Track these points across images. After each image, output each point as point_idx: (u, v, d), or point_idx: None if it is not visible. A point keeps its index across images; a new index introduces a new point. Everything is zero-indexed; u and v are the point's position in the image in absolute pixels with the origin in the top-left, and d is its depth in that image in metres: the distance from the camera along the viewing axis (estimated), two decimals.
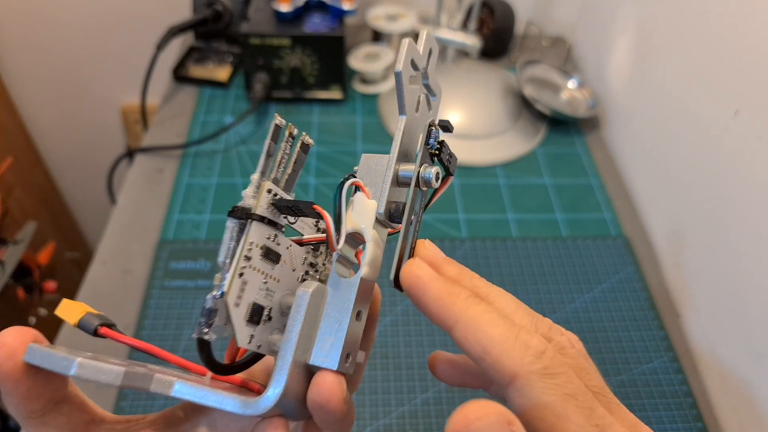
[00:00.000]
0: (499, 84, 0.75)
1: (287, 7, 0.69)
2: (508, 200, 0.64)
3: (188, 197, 0.62)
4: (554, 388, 0.18)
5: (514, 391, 0.18)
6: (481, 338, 0.19)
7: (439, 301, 0.20)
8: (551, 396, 0.18)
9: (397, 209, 0.21)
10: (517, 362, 0.18)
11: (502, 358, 0.18)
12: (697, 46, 0.55)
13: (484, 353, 0.19)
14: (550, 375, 0.18)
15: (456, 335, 0.20)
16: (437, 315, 0.20)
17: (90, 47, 0.96)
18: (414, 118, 0.21)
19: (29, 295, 0.87)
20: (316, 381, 0.18)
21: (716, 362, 0.50)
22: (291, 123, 0.21)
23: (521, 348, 0.18)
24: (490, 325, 0.19)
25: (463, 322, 0.19)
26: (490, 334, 0.19)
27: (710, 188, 0.52)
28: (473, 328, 0.19)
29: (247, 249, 0.19)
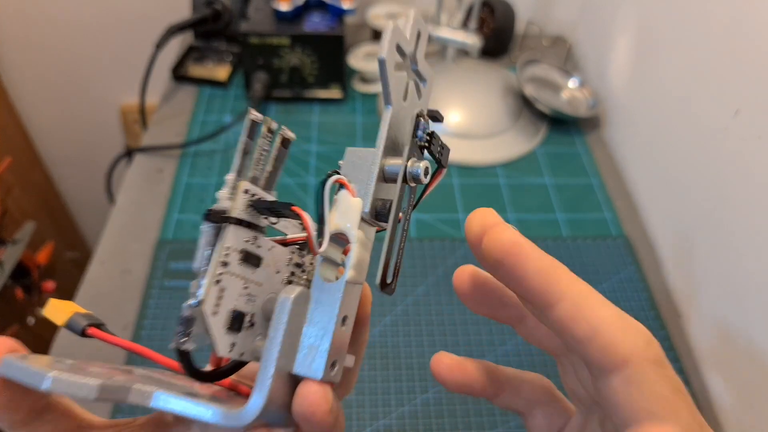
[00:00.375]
0: (499, 83, 0.75)
1: (287, 6, 0.69)
2: (508, 200, 0.64)
3: (187, 197, 0.62)
4: (666, 380, 0.17)
5: (622, 378, 0.17)
6: (592, 317, 0.17)
7: (543, 272, 0.18)
8: (664, 388, 0.17)
9: (383, 207, 0.19)
10: (630, 346, 0.17)
11: (615, 340, 0.17)
12: (697, 45, 0.55)
13: (594, 333, 0.17)
14: (661, 364, 0.17)
15: (559, 313, 0.18)
16: (537, 289, 0.18)
17: (89, 47, 0.95)
18: (401, 108, 0.20)
19: (28, 295, 0.87)
20: (300, 392, 0.17)
21: (717, 362, 0.50)
22: (268, 117, 0.20)
23: (634, 331, 0.17)
24: (601, 304, 0.17)
25: (570, 299, 0.17)
26: (601, 313, 0.17)
27: (711, 188, 0.52)
28: (583, 306, 0.17)
29: (223, 254, 0.18)
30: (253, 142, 0.19)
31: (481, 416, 0.46)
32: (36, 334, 0.92)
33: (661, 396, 0.16)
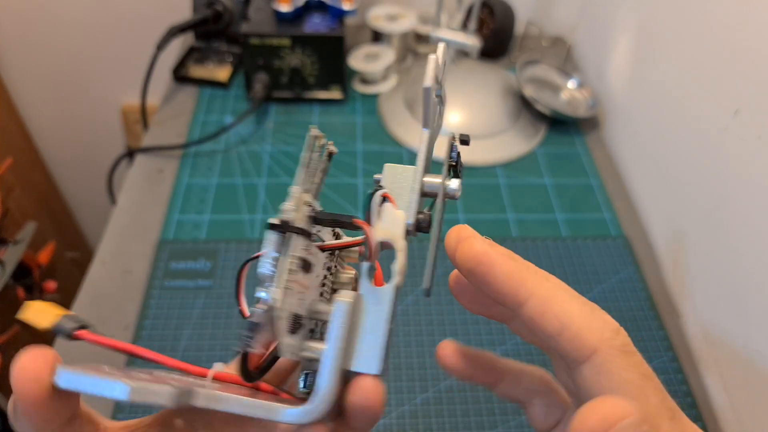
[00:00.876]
0: (499, 84, 0.75)
1: (287, 7, 0.69)
2: (508, 200, 0.64)
3: (188, 197, 0.62)
4: (633, 366, 0.18)
5: (592, 367, 0.18)
6: (560, 312, 0.18)
7: (510, 275, 0.19)
8: (631, 374, 0.18)
9: (424, 220, 0.22)
10: (597, 336, 0.18)
11: (582, 332, 0.18)
12: (697, 46, 0.55)
13: (563, 327, 0.18)
14: (628, 352, 0.18)
15: (529, 311, 0.19)
16: (508, 291, 0.19)
17: (90, 47, 0.96)
18: (433, 130, 0.22)
19: (29, 295, 0.87)
20: (360, 385, 0.18)
21: (716, 362, 0.50)
22: (321, 133, 0.22)
23: (600, 321, 0.18)
24: (569, 299, 0.19)
25: (538, 297, 0.19)
26: (568, 307, 0.18)
27: (710, 188, 0.52)
28: (551, 303, 0.19)
29: (290, 262, 0.19)
30: (311, 156, 0.21)
31: (481, 416, 0.46)
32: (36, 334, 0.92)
33: (628, 381, 0.17)
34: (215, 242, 0.57)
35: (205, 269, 0.55)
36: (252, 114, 0.71)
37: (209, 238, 0.58)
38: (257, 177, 0.65)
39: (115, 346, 0.20)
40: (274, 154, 0.68)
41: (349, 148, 0.69)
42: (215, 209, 0.61)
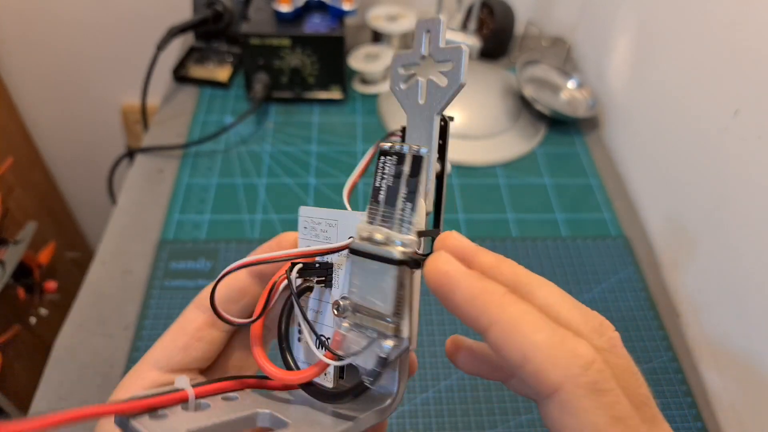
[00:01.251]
0: (499, 84, 0.75)
1: (287, 7, 0.70)
2: (507, 200, 0.64)
3: (188, 197, 0.62)
4: (602, 408, 0.16)
5: (555, 405, 0.16)
6: (522, 343, 0.17)
7: (471, 300, 0.18)
8: (599, 416, 0.16)
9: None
10: (563, 372, 0.16)
11: (545, 367, 0.16)
12: (696, 46, 0.55)
13: (525, 360, 0.17)
14: (598, 391, 0.16)
15: (491, 339, 0.18)
16: (469, 316, 0.18)
17: (90, 47, 0.96)
18: (419, 109, 0.22)
19: (30, 295, 0.87)
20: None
21: (716, 362, 0.50)
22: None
23: (568, 356, 0.16)
24: (533, 329, 0.17)
25: (500, 325, 0.17)
26: (532, 338, 0.17)
27: (710, 188, 0.52)
28: (512, 332, 0.17)
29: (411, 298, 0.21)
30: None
31: (481, 416, 0.46)
32: (37, 334, 0.92)
33: (596, 426, 0.16)
34: (215, 242, 0.58)
35: (205, 269, 0.55)
36: (252, 114, 0.71)
37: (209, 238, 0.58)
38: (257, 177, 0.65)
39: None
40: (274, 154, 0.68)
41: (349, 148, 0.69)
42: (215, 209, 0.61)
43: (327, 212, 0.23)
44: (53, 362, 0.48)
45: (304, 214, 0.24)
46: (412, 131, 0.22)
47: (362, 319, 0.21)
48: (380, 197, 0.21)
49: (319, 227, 0.23)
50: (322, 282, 0.23)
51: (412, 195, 0.20)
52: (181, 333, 0.24)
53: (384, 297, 0.20)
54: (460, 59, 0.20)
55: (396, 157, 0.21)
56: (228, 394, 0.22)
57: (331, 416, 0.22)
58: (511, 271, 0.20)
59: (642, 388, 0.18)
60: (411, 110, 0.22)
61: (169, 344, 0.24)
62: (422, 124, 0.22)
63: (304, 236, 0.24)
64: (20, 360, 0.88)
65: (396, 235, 0.20)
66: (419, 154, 0.20)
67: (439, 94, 0.21)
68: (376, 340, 0.20)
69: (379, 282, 0.20)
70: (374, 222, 0.21)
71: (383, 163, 0.21)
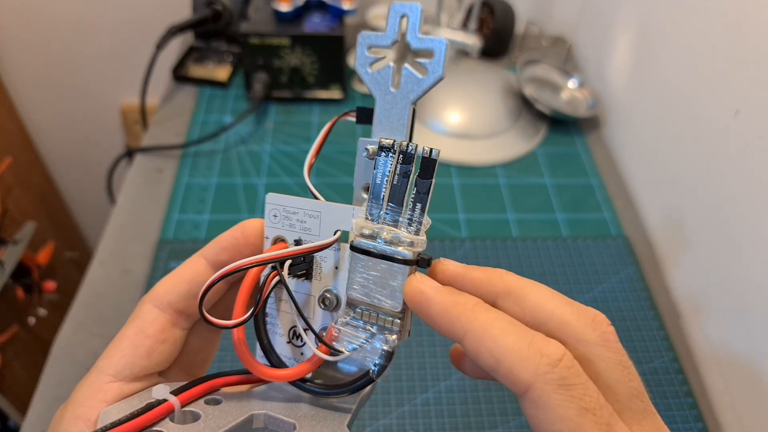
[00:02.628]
0: (499, 84, 0.75)
1: (287, 6, 0.69)
2: (508, 200, 0.64)
3: (188, 197, 0.62)
4: (570, 400, 0.17)
5: (528, 402, 0.18)
6: (493, 348, 0.18)
7: (445, 314, 0.19)
8: (568, 409, 0.17)
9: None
10: (532, 372, 0.17)
11: (515, 368, 0.18)
12: (697, 45, 0.55)
13: (497, 364, 0.18)
14: (566, 386, 0.17)
15: (467, 347, 0.19)
16: (445, 328, 0.19)
17: (89, 47, 0.96)
18: (391, 96, 0.22)
19: (29, 295, 0.87)
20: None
21: (717, 362, 0.50)
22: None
23: (535, 356, 0.18)
24: (502, 333, 0.18)
25: (473, 333, 0.19)
26: (501, 343, 0.18)
27: (711, 188, 0.52)
28: (483, 338, 0.18)
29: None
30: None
31: (481, 416, 0.46)
32: (36, 334, 0.92)
33: (565, 418, 0.17)
34: None
35: None
36: (252, 114, 0.71)
37: (209, 238, 0.58)
38: (257, 177, 0.65)
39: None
40: (274, 153, 0.68)
41: (349, 147, 0.69)
42: (215, 209, 0.61)
43: (304, 202, 0.22)
44: (52, 362, 0.48)
45: (273, 202, 0.23)
46: (382, 117, 0.22)
47: (362, 314, 0.21)
48: (382, 195, 0.21)
49: (295, 217, 0.23)
50: (303, 275, 0.23)
51: (424, 196, 0.20)
52: (142, 337, 0.22)
53: (393, 295, 0.20)
54: (443, 52, 0.20)
55: (402, 156, 0.20)
56: (210, 396, 0.22)
57: (328, 409, 0.22)
58: (501, 280, 0.21)
59: (633, 381, 0.19)
60: (381, 96, 0.22)
61: (131, 351, 0.22)
62: (394, 112, 0.22)
63: (273, 225, 0.23)
64: (19, 360, 0.88)
65: (404, 234, 0.20)
66: (433, 156, 0.20)
67: (415, 84, 0.21)
68: (379, 335, 0.21)
69: (388, 281, 0.20)
70: (377, 220, 0.21)
71: (384, 160, 0.21)
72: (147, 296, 0.23)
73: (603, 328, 0.20)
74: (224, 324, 0.21)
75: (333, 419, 0.21)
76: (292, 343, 0.24)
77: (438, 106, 0.72)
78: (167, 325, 0.23)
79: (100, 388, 0.21)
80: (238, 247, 0.23)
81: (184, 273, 0.23)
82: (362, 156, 0.22)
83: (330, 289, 0.23)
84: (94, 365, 0.22)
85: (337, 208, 0.22)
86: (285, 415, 0.21)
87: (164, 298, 0.23)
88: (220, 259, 0.23)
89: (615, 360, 0.19)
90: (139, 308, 0.23)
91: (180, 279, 0.23)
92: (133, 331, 0.22)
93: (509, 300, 0.20)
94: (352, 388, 0.22)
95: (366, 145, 0.22)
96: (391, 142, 0.21)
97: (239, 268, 0.20)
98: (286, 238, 0.23)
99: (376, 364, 0.21)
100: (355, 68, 0.22)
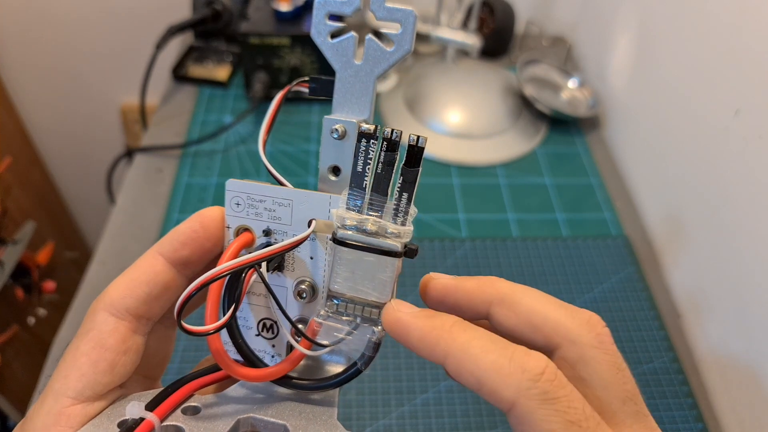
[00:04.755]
0: (499, 84, 0.75)
1: (287, 6, 0.69)
2: (508, 200, 0.64)
3: (188, 197, 0.62)
4: (555, 414, 0.17)
5: (514, 419, 0.17)
6: (474, 369, 0.18)
7: (423, 340, 0.19)
8: (552, 423, 0.17)
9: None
10: (514, 389, 0.17)
11: (497, 387, 0.17)
12: (697, 45, 0.55)
13: (479, 384, 0.18)
14: (549, 400, 0.17)
15: (449, 371, 0.19)
16: (426, 353, 0.19)
17: (89, 46, 0.95)
18: (353, 69, 0.20)
19: (28, 295, 0.87)
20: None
21: (717, 362, 0.50)
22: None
23: (516, 372, 0.17)
24: (481, 352, 0.18)
25: (452, 356, 0.18)
26: (482, 362, 0.18)
27: (711, 188, 0.52)
28: (463, 360, 0.18)
29: None
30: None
31: (481, 416, 0.46)
32: (36, 334, 0.92)
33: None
34: None
35: None
36: (251, 113, 0.71)
37: None
38: (257, 177, 0.65)
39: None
40: (274, 153, 0.68)
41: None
42: None
43: (273, 189, 0.21)
44: (52, 362, 0.48)
45: (235, 189, 0.21)
46: (344, 92, 0.20)
47: (347, 307, 0.20)
48: (365, 184, 0.20)
49: (262, 205, 0.21)
50: (276, 268, 0.22)
51: (411, 186, 0.19)
52: (101, 350, 0.20)
53: (380, 287, 0.20)
54: (411, 24, 0.19)
55: (385, 143, 0.19)
56: (186, 405, 0.20)
57: (312, 404, 0.21)
58: (493, 287, 0.20)
59: (628, 384, 0.19)
60: (342, 68, 0.20)
61: (90, 368, 0.19)
62: (357, 87, 0.20)
63: (236, 213, 0.21)
64: (19, 360, 0.88)
65: (390, 225, 0.20)
66: (420, 144, 0.19)
67: (381, 56, 0.20)
68: (363, 326, 0.20)
69: (375, 273, 0.20)
70: (359, 210, 0.20)
71: (366, 147, 0.19)
72: (99, 303, 0.20)
73: (598, 329, 0.19)
74: (202, 330, 0.19)
75: (321, 415, 0.21)
76: (262, 335, 0.22)
77: (438, 106, 0.72)
78: (127, 333, 0.20)
79: (61, 413, 0.19)
80: (198, 241, 0.21)
81: (141, 274, 0.21)
82: (329, 136, 0.20)
83: (305, 280, 0.22)
84: (48, 388, 0.20)
85: (312, 196, 0.21)
86: (272, 416, 0.20)
87: (120, 304, 0.20)
88: (180, 256, 0.21)
89: (609, 362, 0.19)
90: (92, 318, 0.20)
91: (136, 281, 0.21)
92: (89, 345, 0.20)
93: (503, 306, 0.20)
94: (339, 381, 0.21)
95: (334, 125, 0.20)
96: (372, 129, 0.19)
97: (220, 275, 0.19)
98: (251, 227, 0.21)
99: (363, 355, 0.21)
100: (312, 38, 0.20)
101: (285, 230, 0.21)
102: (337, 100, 0.21)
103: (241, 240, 0.21)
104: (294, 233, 0.21)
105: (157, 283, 0.21)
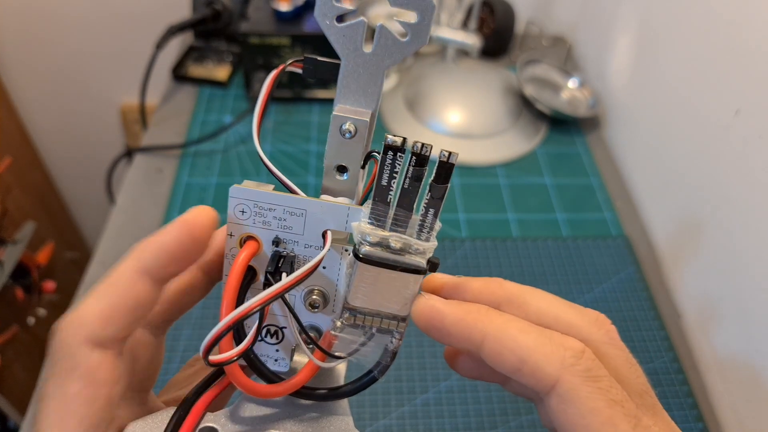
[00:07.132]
0: (499, 83, 0.75)
1: (287, 6, 0.69)
2: (508, 200, 0.64)
3: (187, 197, 0.62)
4: (599, 392, 0.17)
5: (556, 397, 0.17)
6: (515, 348, 0.18)
7: (460, 322, 0.19)
8: (597, 401, 0.17)
9: None
10: (558, 365, 0.17)
11: (541, 364, 0.17)
12: (697, 45, 0.55)
13: (521, 363, 0.18)
14: (593, 378, 0.17)
15: (487, 351, 0.18)
16: (462, 337, 0.19)
17: (89, 46, 0.95)
18: (361, 57, 0.19)
19: (28, 296, 0.87)
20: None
21: (717, 362, 0.50)
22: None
23: (560, 349, 0.17)
24: (521, 333, 0.18)
25: (492, 336, 0.18)
26: (523, 341, 0.18)
27: (711, 188, 0.52)
28: (504, 340, 0.18)
29: None
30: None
31: (481, 416, 0.46)
32: (36, 335, 0.92)
33: (595, 410, 0.17)
34: None
35: None
36: (251, 113, 0.71)
37: None
38: (257, 177, 0.65)
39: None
40: (274, 153, 0.68)
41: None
42: (214, 208, 0.61)
43: (284, 198, 0.19)
44: None
45: (240, 196, 0.19)
46: (349, 81, 0.19)
47: (364, 320, 0.20)
48: (389, 199, 0.18)
49: (271, 214, 0.19)
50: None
51: (438, 202, 0.18)
52: (94, 387, 0.17)
53: (402, 302, 0.20)
54: (430, 14, 0.18)
55: (414, 158, 0.18)
56: (200, 427, 0.19)
57: (327, 415, 0.21)
58: (501, 288, 0.20)
59: (640, 378, 0.19)
60: (349, 56, 0.19)
61: (87, 410, 0.17)
62: (364, 77, 0.19)
63: (241, 221, 0.19)
64: (19, 360, 0.88)
65: (414, 242, 0.19)
66: (451, 161, 0.18)
67: (394, 47, 0.18)
68: (379, 336, 0.20)
69: (399, 289, 0.19)
70: (383, 225, 0.19)
71: (392, 161, 0.18)
72: (75, 336, 0.17)
73: (606, 327, 0.20)
74: (227, 359, 0.18)
75: (340, 424, 0.21)
76: (265, 341, 0.22)
77: (438, 106, 0.72)
78: (116, 362, 0.18)
79: None
80: (188, 255, 0.18)
81: (122, 299, 0.17)
82: (338, 134, 0.19)
83: (314, 288, 0.21)
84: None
85: (328, 207, 0.19)
86: (293, 431, 0.20)
87: (102, 333, 0.17)
88: (170, 272, 0.18)
89: (623, 357, 0.19)
90: (71, 353, 0.17)
91: (116, 307, 0.17)
92: (79, 384, 0.17)
93: (511, 307, 0.20)
94: (355, 388, 0.21)
95: (344, 124, 0.19)
96: (400, 142, 0.18)
97: (252, 311, 0.17)
98: (257, 236, 0.20)
99: (379, 363, 0.21)
100: (317, 19, 0.18)
101: (296, 240, 0.20)
102: (342, 89, 0.19)
103: (248, 250, 0.19)
104: (306, 243, 0.20)
105: (139, 306, 0.18)
